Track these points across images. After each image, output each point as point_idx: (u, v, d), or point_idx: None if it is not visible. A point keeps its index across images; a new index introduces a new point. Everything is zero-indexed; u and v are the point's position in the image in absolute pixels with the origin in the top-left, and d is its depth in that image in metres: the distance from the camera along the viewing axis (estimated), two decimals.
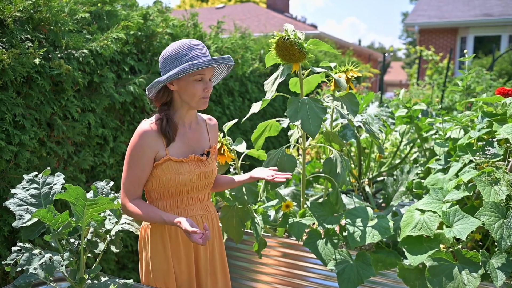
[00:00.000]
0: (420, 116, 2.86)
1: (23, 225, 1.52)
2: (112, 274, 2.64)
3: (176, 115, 1.67)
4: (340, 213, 2.09)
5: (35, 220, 1.54)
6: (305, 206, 2.22)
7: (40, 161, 2.15)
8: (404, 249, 1.78)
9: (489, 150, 1.85)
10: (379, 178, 3.01)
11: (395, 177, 2.48)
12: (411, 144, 3.02)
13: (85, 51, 2.30)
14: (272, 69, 4.67)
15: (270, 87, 1.95)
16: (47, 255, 1.42)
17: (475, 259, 1.62)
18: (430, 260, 1.67)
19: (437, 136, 2.64)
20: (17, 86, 2.02)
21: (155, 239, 1.68)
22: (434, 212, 1.80)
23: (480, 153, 1.87)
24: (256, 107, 2.05)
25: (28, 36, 2.07)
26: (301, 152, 2.28)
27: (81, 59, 2.28)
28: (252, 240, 2.27)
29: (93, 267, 1.59)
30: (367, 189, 2.69)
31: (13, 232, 2.07)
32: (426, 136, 2.77)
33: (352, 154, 3.00)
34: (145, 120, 1.65)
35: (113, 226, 1.74)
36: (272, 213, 2.34)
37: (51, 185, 1.65)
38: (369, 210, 2.00)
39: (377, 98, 4.21)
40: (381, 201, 2.62)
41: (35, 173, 1.66)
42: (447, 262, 1.65)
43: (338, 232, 2.04)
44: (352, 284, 1.86)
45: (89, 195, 1.50)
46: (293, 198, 2.58)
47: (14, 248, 1.43)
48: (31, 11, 2.10)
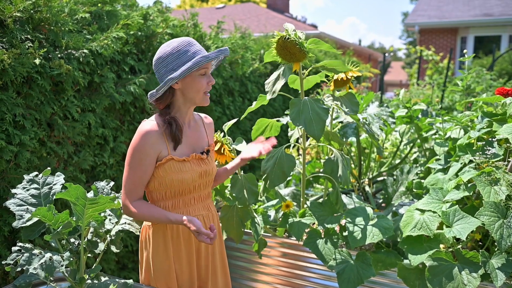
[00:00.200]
0: (420, 116, 2.86)
1: (23, 225, 1.52)
2: (112, 274, 2.64)
3: (177, 116, 1.67)
4: (340, 213, 2.08)
5: (35, 220, 1.54)
6: (305, 206, 2.22)
7: (40, 161, 2.15)
8: (404, 249, 1.78)
9: (489, 150, 1.85)
10: (379, 178, 3.00)
11: (395, 177, 2.48)
12: (411, 144, 3.01)
13: (85, 51, 2.30)
14: (272, 69, 4.67)
15: (271, 88, 1.94)
16: (47, 255, 1.41)
17: (475, 259, 1.62)
18: (430, 260, 1.67)
19: (437, 136, 2.63)
20: (17, 86, 2.02)
21: (157, 240, 1.68)
22: (434, 212, 1.80)
23: (480, 153, 1.87)
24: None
25: (28, 36, 2.07)
26: (301, 152, 2.28)
27: (81, 59, 2.28)
28: (252, 240, 2.27)
29: (93, 267, 1.59)
30: (367, 189, 2.69)
31: (13, 232, 2.07)
32: (426, 136, 2.77)
33: (352, 154, 3.00)
34: (146, 120, 1.64)
35: (113, 226, 1.74)
36: (272, 213, 2.34)
37: (51, 185, 1.65)
38: (369, 210, 1.99)
39: (377, 98, 4.22)
40: (381, 201, 2.61)
41: (35, 173, 1.66)
42: (447, 262, 1.65)
43: (338, 232, 2.04)
44: (352, 284, 1.86)
45: (90, 195, 1.50)
46: (293, 198, 2.58)
47: (14, 248, 1.43)
48: (31, 11, 2.10)
